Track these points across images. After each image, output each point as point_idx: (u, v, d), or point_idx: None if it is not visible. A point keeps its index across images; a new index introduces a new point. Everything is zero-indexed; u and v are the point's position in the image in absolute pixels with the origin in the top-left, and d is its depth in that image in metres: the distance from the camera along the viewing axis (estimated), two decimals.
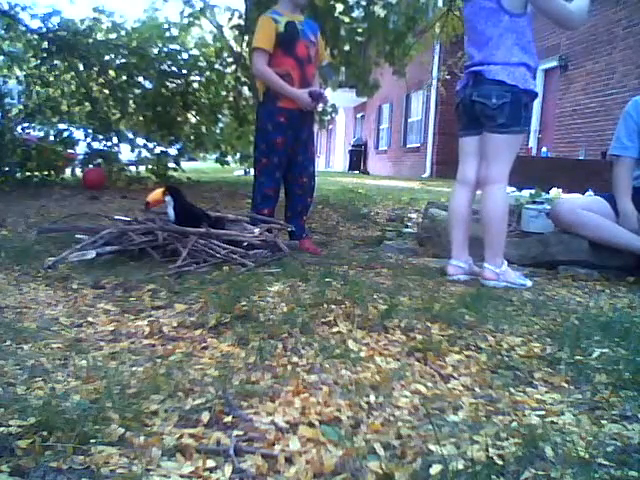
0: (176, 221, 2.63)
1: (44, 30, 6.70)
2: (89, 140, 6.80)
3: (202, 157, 8.15)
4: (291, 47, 2.95)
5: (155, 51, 7.03)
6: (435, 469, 0.87)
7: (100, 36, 7.07)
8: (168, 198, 2.72)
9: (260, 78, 3.01)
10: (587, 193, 3.22)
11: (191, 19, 7.02)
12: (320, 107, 5.37)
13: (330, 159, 24.81)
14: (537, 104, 12.09)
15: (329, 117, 7.14)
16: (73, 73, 7.02)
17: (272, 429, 0.99)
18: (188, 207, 2.78)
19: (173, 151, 7.27)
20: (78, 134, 6.92)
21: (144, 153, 7.05)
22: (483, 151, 2.38)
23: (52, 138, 6.79)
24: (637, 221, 2.59)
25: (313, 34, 3.08)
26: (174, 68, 6.96)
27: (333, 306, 1.74)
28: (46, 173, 6.46)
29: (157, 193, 2.78)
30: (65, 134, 6.78)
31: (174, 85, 7.06)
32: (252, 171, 3.42)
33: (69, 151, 6.90)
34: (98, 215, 3.46)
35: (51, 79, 7.08)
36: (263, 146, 3.03)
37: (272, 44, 2.92)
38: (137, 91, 7.05)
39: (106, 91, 7.08)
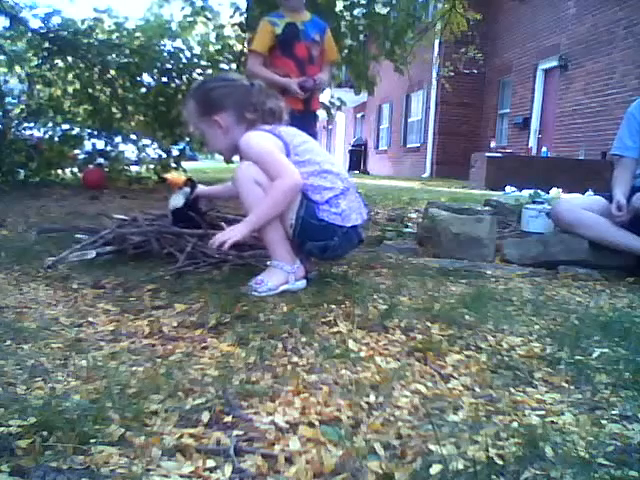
0: (179, 213, 2.57)
1: (45, 30, 6.71)
2: (92, 140, 6.81)
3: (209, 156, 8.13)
4: (289, 48, 2.98)
5: (157, 50, 7.02)
6: (435, 469, 0.87)
7: (101, 36, 7.07)
8: (186, 189, 2.67)
9: (251, 77, 3.00)
10: (587, 193, 3.23)
11: (192, 18, 7.02)
12: (323, 96, 5.34)
13: None
14: (537, 104, 12.10)
15: (336, 109, 7.00)
16: (74, 73, 7.02)
17: (272, 429, 0.99)
18: (192, 205, 2.75)
19: (174, 151, 7.27)
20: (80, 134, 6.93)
21: (147, 152, 7.05)
22: None
23: (55, 138, 6.79)
24: (625, 210, 2.54)
25: (318, 33, 3.08)
26: (176, 69, 6.95)
27: (333, 306, 1.75)
28: (47, 173, 6.45)
29: (180, 178, 2.73)
30: (70, 133, 6.79)
31: (175, 85, 7.05)
32: None
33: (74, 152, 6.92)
34: (98, 215, 3.46)
35: (53, 78, 7.08)
36: None
37: (266, 47, 2.98)
38: (142, 90, 7.03)
39: (107, 90, 7.07)
